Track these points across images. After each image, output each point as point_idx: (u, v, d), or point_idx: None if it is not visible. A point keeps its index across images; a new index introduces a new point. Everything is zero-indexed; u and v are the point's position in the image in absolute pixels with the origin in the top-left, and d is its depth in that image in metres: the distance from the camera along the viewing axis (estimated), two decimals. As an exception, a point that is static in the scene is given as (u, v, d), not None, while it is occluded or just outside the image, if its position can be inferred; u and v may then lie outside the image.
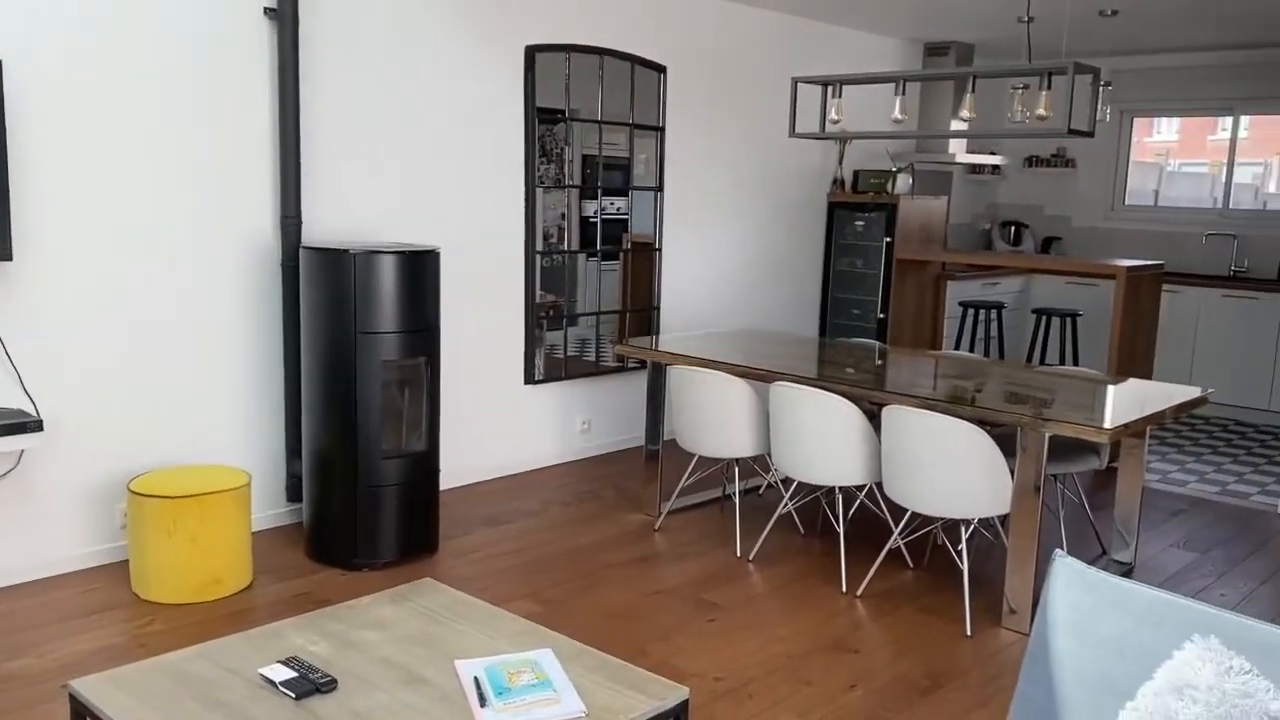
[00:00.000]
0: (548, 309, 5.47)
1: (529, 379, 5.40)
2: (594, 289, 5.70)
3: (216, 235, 4.13)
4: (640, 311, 5.94)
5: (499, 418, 5.31)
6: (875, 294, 7.02)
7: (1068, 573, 2.13)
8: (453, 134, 4.87)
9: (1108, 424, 3.42)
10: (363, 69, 4.50)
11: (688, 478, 4.96)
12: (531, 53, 5.12)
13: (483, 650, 2.31)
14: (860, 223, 7.05)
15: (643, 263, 5.93)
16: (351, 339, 3.89)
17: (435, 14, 4.71)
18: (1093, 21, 6.35)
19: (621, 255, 5.80)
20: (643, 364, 5.73)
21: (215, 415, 4.23)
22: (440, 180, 4.86)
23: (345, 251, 3.86)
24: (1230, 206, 7.73)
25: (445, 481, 5.03)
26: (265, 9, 4.13)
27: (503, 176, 5.13)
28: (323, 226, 4.45)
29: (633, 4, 5.58)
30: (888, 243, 6.90)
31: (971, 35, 7.12)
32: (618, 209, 5.74)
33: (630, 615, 3.66)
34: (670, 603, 3.79)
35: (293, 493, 4.45)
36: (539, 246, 5.35)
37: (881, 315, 6.99)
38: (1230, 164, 7.76)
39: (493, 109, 5.02)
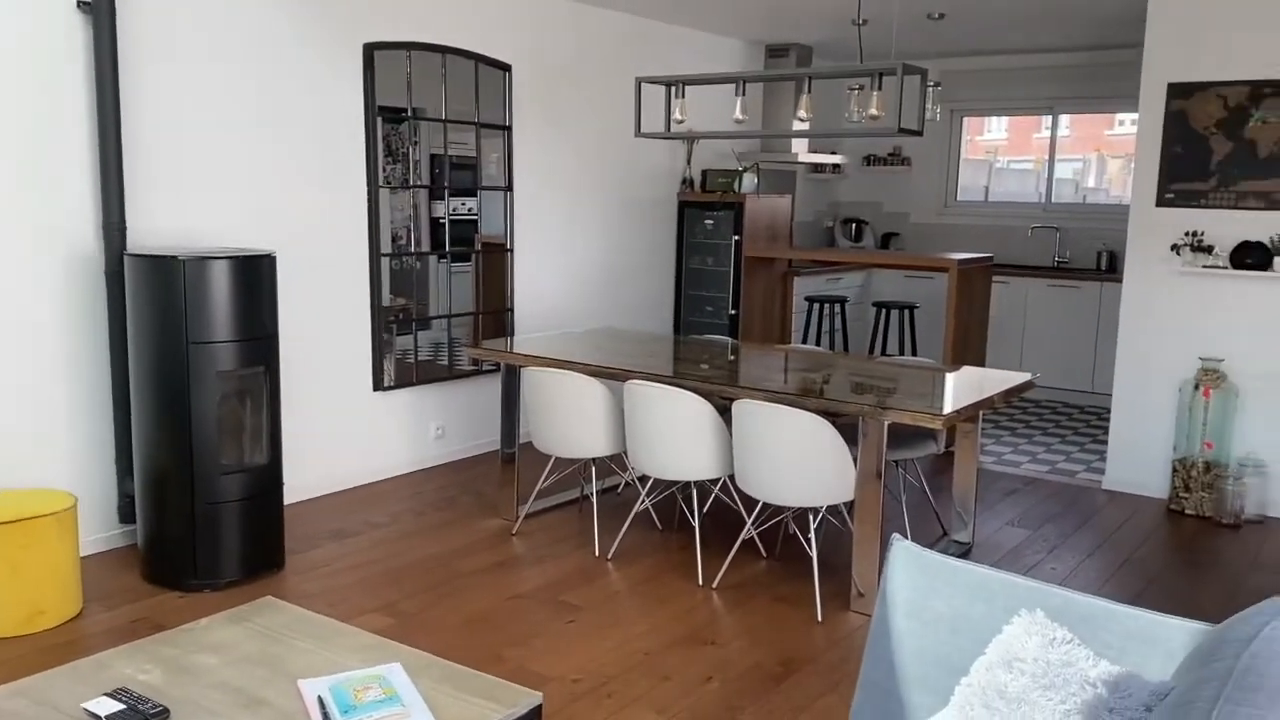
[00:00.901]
0: (397, 313, 5.34)
1: (378, 385, 5.27)
2: (446, 291, 5.60)
3: (32, 245, 3.87)
4: (494, 313, 5.87)
5: (348, 426, 5.15)
6: (726, 291, 7.15)
7: (905, 556, 2.21)
8: (289, 134, 4.70)
9: (942, 410, 3.57)
10: (189, 66, 4.29)
11: (545, 480, 4.94)
12: (370, 50, 4.99)
13: (327, 668, 2.23)
14: (710, 221, 7.16)
15: (495, 264, 5.86)
16: (183, 350, 3.70)
17: (269, 9, 4.54)
18: (922, 24, 6.62)
19: (473, 257, 5.72)
20: (497, 367, 5.67)
21: (37, 435, 3.96)
22: (277, 182, 4.68)
23: (173, 258, 3.67)
24: (1053, 201, 8.20)
25: (292, 495, 4.86)
26: (79, 2, 3.89)
27: (344, 177, 4.99)
28: (153, 233, 4.22)
29: (476, 2, 5.51)
30: (736, 241, 7.04)
31: (810, 37, 7.33)
32: (469, 209, 5.66)
33: (487, 622, 3.61)
34: (528, 606, 3.76)
35: (126, 514, 4.20)
36: (386, 249, 5.22)
37: (733, 311, 7.12)
38: (1051, 161, 8.23)
39: (331, 108, 4.87)
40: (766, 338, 7.23)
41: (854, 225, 8.88)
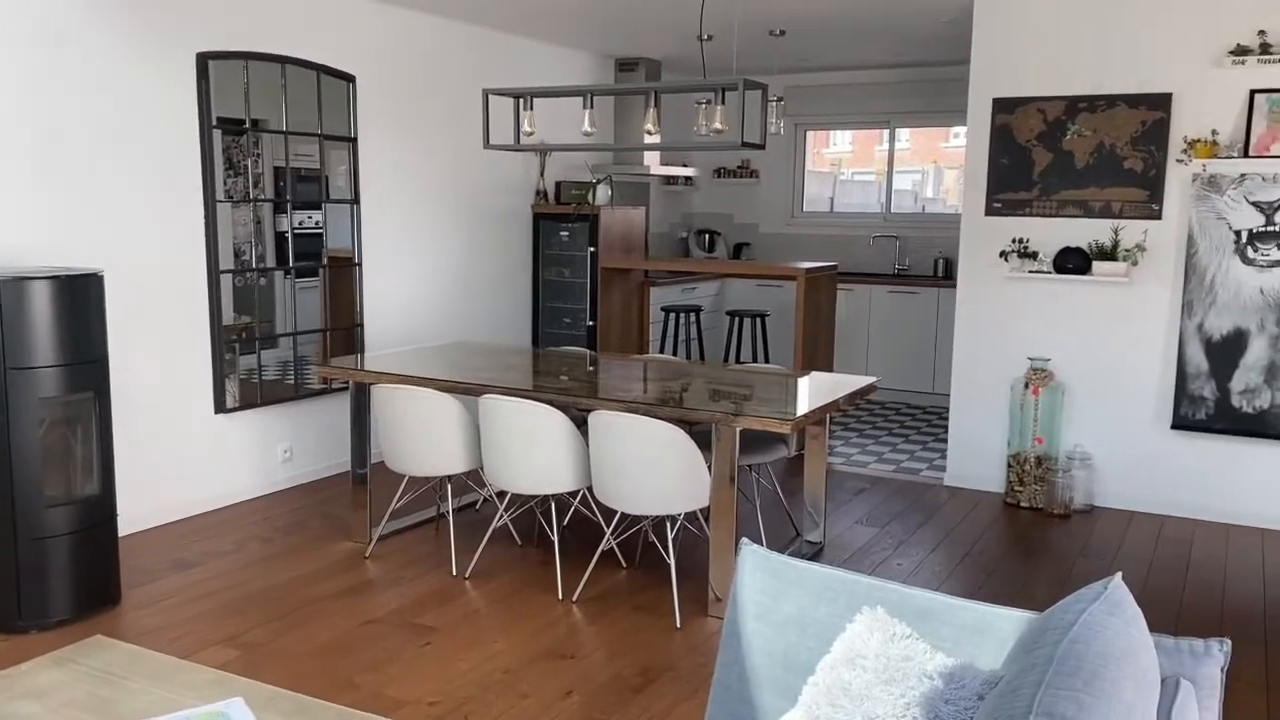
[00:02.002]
0: (240, 331, 5.14)
1: (220, 408, 5.05)
2: (294, 308, 5.42)
3: None
4: (344, 330, 5.72)
5: (188, 452, 4.92)
6: (584, 302, 7.16)
7: (753, 559, 2.25)
8: (119, 147, 4.47)
9: (791, 415, 3.67)
10: (5, 69, 4.02)
11: (398, 500, 4.83)
12: (204, 60, 4.79)
13: (163, 708, 2.12)
14: (565, 233, 7.17)
15: (343, 279, 5.71)
16: (0, 376, 3.46)
17: (93, 14, 4.30)
18: (765, 41, 6.81)
19: (320, 271, 5.56)
20: (348, 385, 5.52)
21: None
22: (106, 197, 4.44)
23: (-13, 278, 3.43)
24: (892, 211, 8.54)
25: (129, 526, 4.60)
26: None
27: (178, 192, 4.77)
28: (-40, 251, 3.94)
29: (316, 11, 5.37)
30: (592, 252, 7.06)
31: (659, 52, 7.43)
32: (316, 223, 5.50)
33: (339, 649, 3.50)
34: (383, 631, 3.66)
35: (-62, 554, 3.89)
36: (228, 265, 5.02)
37: (591, 322, 7.14)
38: (890, 173, 8.58)
39: (163, 119, 4.65)
40: (625, 348, 7.28)
41: (707, 236, 9.04)
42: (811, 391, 4.24)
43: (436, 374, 4.36)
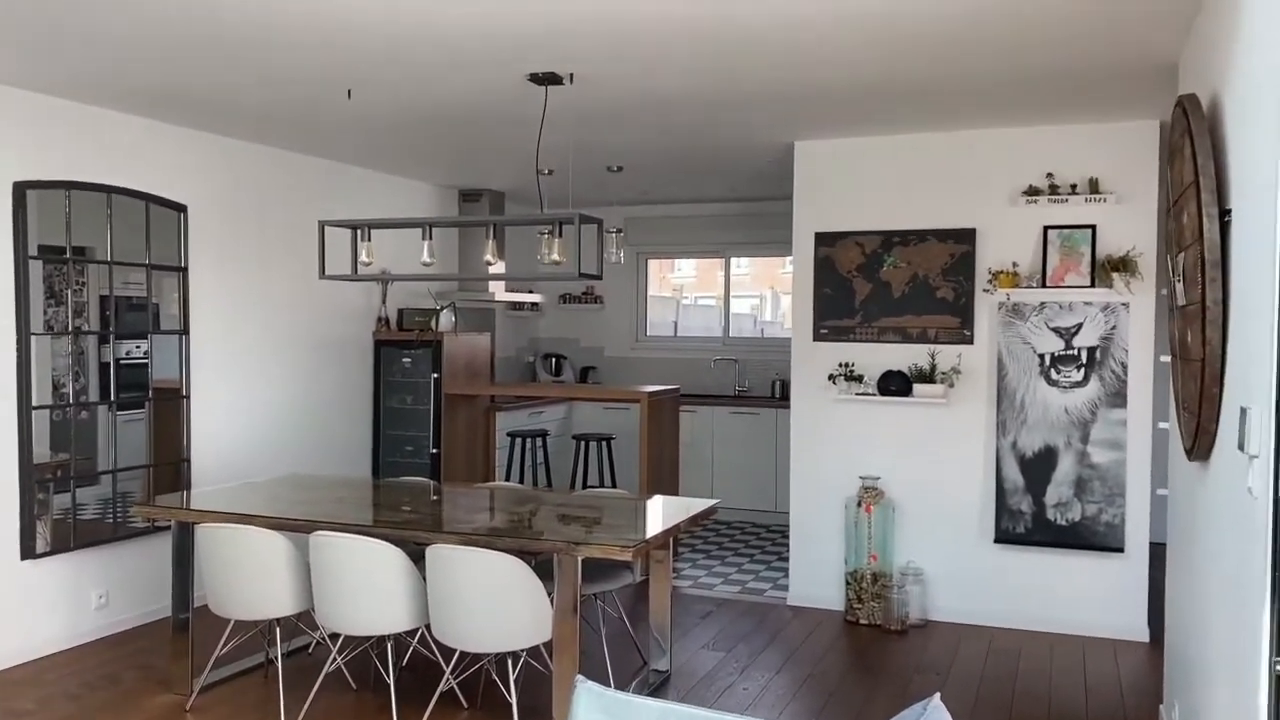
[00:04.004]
0: (55, 469, 4.84)
1: (28, 553, 4.70)
2: (119, 442, 5.15)
3: None
4: (170, 465, 5.45)
5: (-12, 602, 4.54)
6: (427, 429, 7.06)
7: (588, 697, 2.22)
8: (-81, 277, 4.22)
9: (631, 542, 3.68)
10: None
11: (223, 646, 4.54)
12: (21, 189, 4.62)
13: None
14: (407, 359, 7.10)
15: (171, 411, 5.47)
16: None
17: (-107, 142, 4.11)
18: (604, 176, 7.06)
19: (146, 404, 5.31)
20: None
21: None
22: (-98, 330, 4.16)
23: None
24: (731, 335, 8.85)
25: (-87, 689, 4.17)
26: None
27: (-12, 324, 4.52)
28: None
29: (146, 142, 5.27)
30: (435, 378, 7.01)
31: (501, 183, 7.59)
32: (144, 352, 5.29)
33: (151, 816, 3.23)
34: (201, 792, 3.41)
35: None
36: (44, 399, 4.74)
37: (435, 450, 7.03)
38: (727, 299, 8.92)
39: (-27, 249, 4.43)
40: (470, 476, 7.18)
41: (554, 360, 9.12)
42: (654, 516, 4.28)
43: (265, 510, 4.19)
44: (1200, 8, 3.32)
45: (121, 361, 5.20)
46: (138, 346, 5.27)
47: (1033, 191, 5.27)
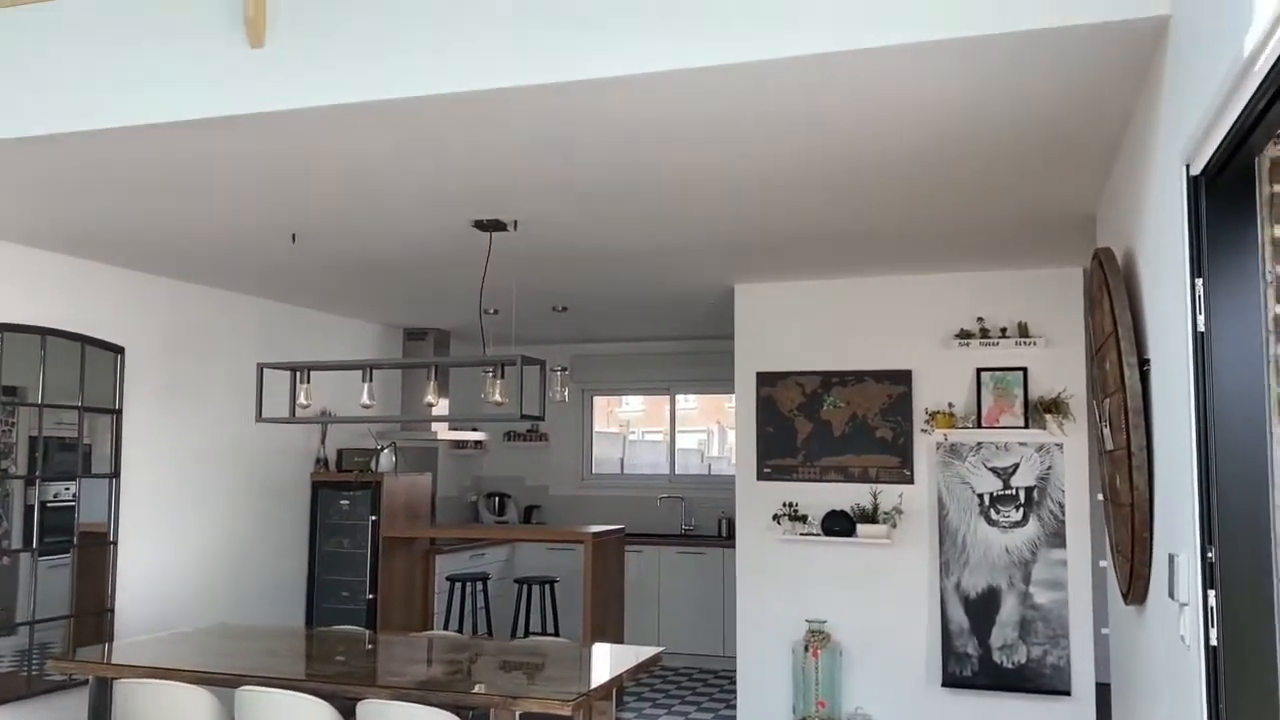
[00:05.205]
0: (-35, 622, 4.60)
1: (-70, 713, 4.43)
2: (39, 591, 4.93)
3: None
4: (93, 615, 5.21)
5: (-118, 768, 4.24)
6: (364, 574, 6.87)
7: None
8: None
9: (569, 695, 3.57)
10: None
11: (139, 811, 4.27)
12: (-47, 330, 4.55)
13: None
14: (346, 501, 6.96)
15: (96, 557, 5.27)
16: None
17: None
18: (549, 315, 7.14)
19: (71, 549, 5.12)
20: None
21: None
22: None
23: None
24: (676, 473, 8.83)
25: None
26: None
27: (-94, 469, 4.36)
28: None
29: (81, 284, 5.24)
30: (374, 520, 6.86)
31: (447, 322, 7.64)
32: (73, 495, 5.13)
33: None
34: None
35: None
36: (-46, 548, 4.56)
37: (371, 595, 6.82)
38: (672, 436, 8.94)
39: (-104, 392, 4.32)
40: (408, 623, 6.95)
41: (498, 499, 8.99)
42: (597, 665, 4.17)
43: (191, 663, 4.01)
44: (1111, 169, 3.51)
45: (48, 504, 5.03)
46: (66, 489, 5.12)
47: (965, 335, 5.42)
